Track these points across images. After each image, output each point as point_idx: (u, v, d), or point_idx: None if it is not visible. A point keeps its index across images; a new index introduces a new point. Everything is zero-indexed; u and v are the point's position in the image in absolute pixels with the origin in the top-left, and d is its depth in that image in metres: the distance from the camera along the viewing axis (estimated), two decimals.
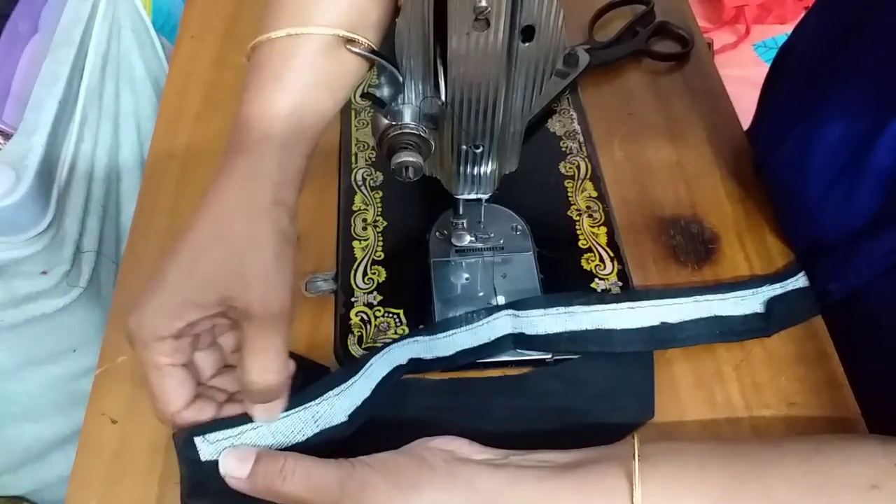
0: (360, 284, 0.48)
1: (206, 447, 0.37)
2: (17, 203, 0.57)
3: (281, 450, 0.37)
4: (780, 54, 0.59)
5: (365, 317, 0.47)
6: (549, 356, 0.45)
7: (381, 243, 0.50)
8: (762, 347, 0.46)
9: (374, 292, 0.48)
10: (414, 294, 0.47)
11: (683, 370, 0.45)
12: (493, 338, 0.45)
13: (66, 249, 0.58)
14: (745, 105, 0.62)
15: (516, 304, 0.46)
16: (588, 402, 0.44)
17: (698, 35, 0.65)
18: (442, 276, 0.48)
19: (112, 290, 0.50)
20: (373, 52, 0.37)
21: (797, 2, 1.49)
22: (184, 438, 0.37)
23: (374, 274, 0.48)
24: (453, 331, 0.45)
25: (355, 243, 0.50)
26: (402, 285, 0.48)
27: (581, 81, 0.61)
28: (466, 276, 0.49)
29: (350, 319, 0.46)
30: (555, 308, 0.46)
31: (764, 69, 0.59)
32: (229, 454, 0.36)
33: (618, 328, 0.45)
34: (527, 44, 0.35)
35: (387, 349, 0.43)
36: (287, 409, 0.38)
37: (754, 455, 0.35)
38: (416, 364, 0.44)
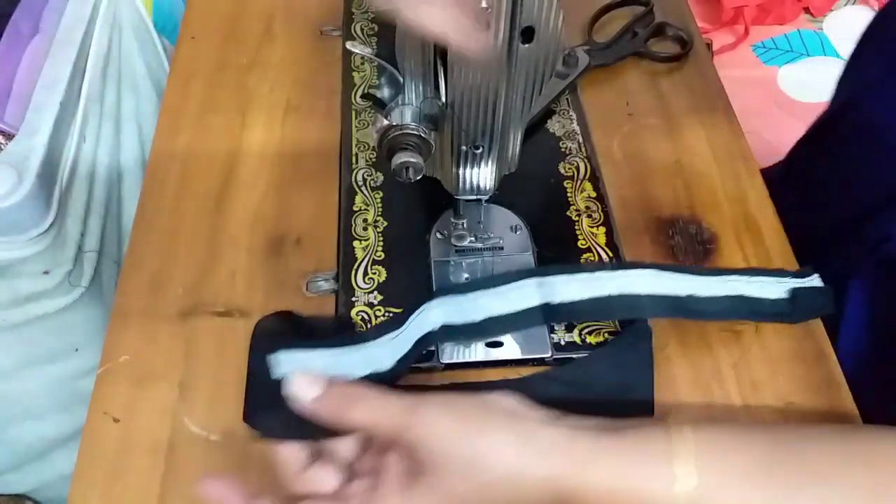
0: (361, 284, 0.48)
1: (279, 366, 0.37)
2: (19, 203, 0.57)
3: None
4: None
5: (365, 316, 0.47)
6: (549, 355, 0.45)
7: (381, 243, 0.50)
8: (760, 346, 0.47)
9: (375, 292, 0.48)
10: (414, 294, 0.48)
11: (682, 369, 0.46)
12: (521, 307, 0.45)
13: (67, 249, 0.58)
14: (744, 105, 0.63)
15: (540, 271, 0.46)
16: (588, 404, 0.44)
17: (697, 36, 0.65)
18: (442, 276, 0.49)
19: (114, 290, 0.50)
20: (373, 52, 0.38)
21: (796, 2, 1.50)
22: (258, 354, 0.37)
23: (374, 274, 0.49)
24: (480, 291, 0.45)
25: (356, 243, 0.50)
26: (402, 285, 0.48)
27: (580, 82, 0.61)
28: (466, 276, 0.49)
29: (351, 319, 0.47)
30: (579, 274, 0.46)
31: (763, 70, 0.60)
32: (299, 377, 0.36)
33: (644, 293, 0.45)
34: (526, 45, 0.35)
35: (423, 307, 0.44)
36: (344, 345, 0.40)
37: (790, 429, 0.37)
38: (447, 331, 0.44)
